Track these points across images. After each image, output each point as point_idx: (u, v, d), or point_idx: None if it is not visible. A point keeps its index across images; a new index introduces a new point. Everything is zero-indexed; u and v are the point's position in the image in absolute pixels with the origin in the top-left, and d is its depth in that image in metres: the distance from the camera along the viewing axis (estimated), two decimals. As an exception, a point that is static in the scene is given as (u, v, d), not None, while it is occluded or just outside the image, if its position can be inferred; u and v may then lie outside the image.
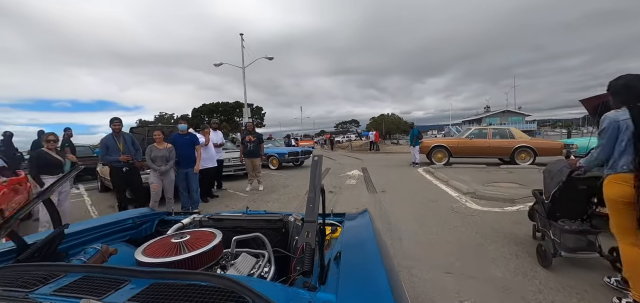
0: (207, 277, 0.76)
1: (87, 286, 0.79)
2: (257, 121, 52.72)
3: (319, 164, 1.01)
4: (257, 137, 7.29)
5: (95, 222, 1.68)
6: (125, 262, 1.17)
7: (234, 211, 1.83)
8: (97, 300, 0.68)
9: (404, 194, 6.18)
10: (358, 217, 1.58)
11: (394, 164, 12.29)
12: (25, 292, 0.76)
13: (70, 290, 0.76)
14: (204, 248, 1.13)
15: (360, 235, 1.29)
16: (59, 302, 0.72)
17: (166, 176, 4.84)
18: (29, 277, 0.84)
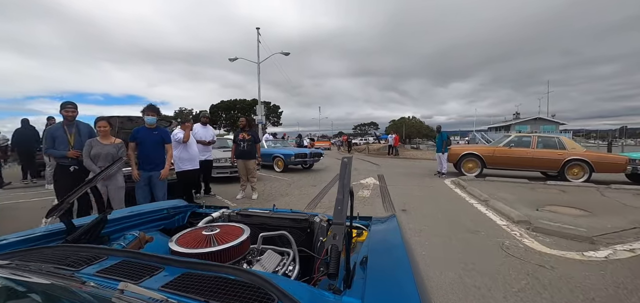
0: (235, 271, 0.80)
1: (126, 270, 0.84)
2: (274, 119, 52.13)
3: (349, 165, 0.97)
4: (252, 135, 6.10)
5: (134, 210, 1.81)
6: (159, 250, 1.28)
7: (261, 208, 1.83)
8: (134, 284, 0.71)
9: (431, 216, 4.77)
10: (385, 221, 1.52)
11: (415, 172, 10.78)
12: (72, 270, 0.82)
13: (111, 273, 0.82)
14: (233, 243, 1.17)
15: (387, 241, 1.28)
16: (100, 282, 0.76)
17: (111, 181, 3.70)
18: (76, 257, 0.91)
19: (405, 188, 7.47)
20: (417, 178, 9.12)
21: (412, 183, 8.23)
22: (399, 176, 9.71)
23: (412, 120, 49.84)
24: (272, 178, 9.06)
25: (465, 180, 8.19)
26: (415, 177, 9.56)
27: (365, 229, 1.44)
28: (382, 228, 1.43)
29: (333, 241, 0.79)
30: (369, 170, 11.50)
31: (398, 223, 1.44)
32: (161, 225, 1.77)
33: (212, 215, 1.72)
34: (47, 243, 1.26)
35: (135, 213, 1.70)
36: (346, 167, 0.96)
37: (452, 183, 8.12)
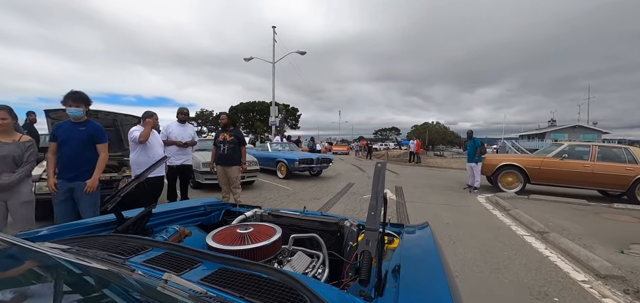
0: (268, 270, 0.83)
1: (169, 261, 0.91)
2: (292, 122, 51.40)
3: (383, 171, 0.96)
4: (235, 136, 4.96)
5: (175, 205, 1.95)
6: (197, 244, 1.30)
7: (292, 210, 1.86)
8: (177, 275, 0.73)
9: (467, 257, 3.35)
10: (418, 229, 1.48)
11: (440, 185, 9.23)
12: (123, 258, 0.89)
13: (156, 263, 0.89)
14: (265, 242, 1.21)
15: (421, 250, 1.23)
16: (146, 271, 0.81)
17: (13, 193, 2.64)
18: (126, 247, 0.99)
19: (429, 207, 6.02)
20: (443, 193, 7.62)
21: (438, 199, 6.76)
22: (422, 189, 8.24)
23: (435, 126, 47.15)
24: (273, 187, 7.89)
25: (505, 199, 6.62)
26: (440, 190, 8.05)
27: (396, 236, 1.38)
28: (415, 236, 1.39)
29: (366, 247, 0.77)
30: (387, 180, 10.03)
31: (431, 232, 1.41)
32: (198, 221, 1.87)
33: (245, 214, 1.78)
34: (100, 232, 1.39)
35: (176, 208, 1.83)
36: (380, 173, 0.95)
37: (487, 201, 6.57)
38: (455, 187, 8.69)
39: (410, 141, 19.47)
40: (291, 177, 9.41)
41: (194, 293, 0.66)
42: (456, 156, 34.47)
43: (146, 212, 1.45)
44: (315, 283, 0.85)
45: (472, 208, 6.08)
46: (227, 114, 5.15)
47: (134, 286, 0.66)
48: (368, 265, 0.75)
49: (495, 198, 6.57)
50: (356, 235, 1.48)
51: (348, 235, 1.55)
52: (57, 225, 1.36)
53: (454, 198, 6.91)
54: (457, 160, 21.25)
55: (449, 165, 17.55)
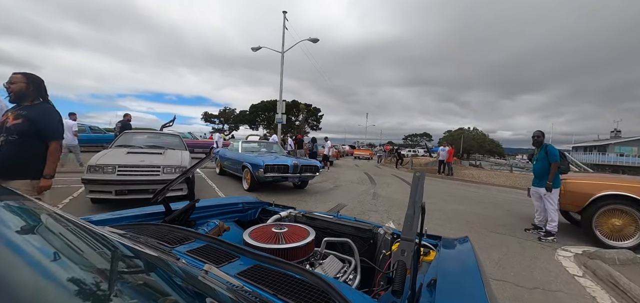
0: (302, 271, 0.85)
1: (209, 253, 0.97)
2: (313, 123, 48.83)
3: (421, 180, 0.95)
4: (30, 118, 2.30)
5: (215, 201, 2.01)
6: (234, 239, 1.31)
7: (326, 213, 1.86)
8: (216, 267, 0.78)
9: None
10: (457, 243, 1.42)
11: (482, 215, 5.97)
12: (170, 247, 0.97)
13: (198, 253, 0.96)
14: (299, 243, 1.23)
15: (460, 265, 1.17)
16: (189, 260, 0.88)
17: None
18: (172, 236, 1.08)
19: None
20: (492, 236, 4.45)
21: (486, 253, 3.63)
22: (455, 222, 5.12)
23: (472, 132, 42.03)
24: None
25: (616, 263, 3.36)
26: (486, 229, 4.86)
27: (433, 249, 1.35)
28: (454, 250, 1.34)
29: (401, 257, 0.75)
30: (403, 201, 6.87)
31: (473, 247, 1.35)
32: (236, 217, 1.95)
33: (280, 214, 1.80)
34: (150, 221, 1.48)
35: (216, 204, 1.91)
36: (418, 182, 0.94)
37: (579, 266, 3.36)
38: (509, 223, 5.41)
39: (441, 148, 15.89)
40: (260, 188, 6.67)
41: (231, 286, 0.69)
42: (496, 167, 29.91)
43: (190, 206, 1.56)
44: (347, 289, 0.87)
45: (553, 284, 2.93)
46: (24, 74, 2.42)
47: (178, 273, 0.69)
48: (402, 276, 0.73)
49: (594, 262, 3.35)
50: (390, 243, 1.48)
51: (381, 242, 1.53)
52: (114, 212, 1.51)
53: (515, 255, 3.73)
54: (499, 174, 17.30)
55: (489, 179, 13.86)
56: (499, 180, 13.85)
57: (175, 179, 1.55)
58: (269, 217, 1.77)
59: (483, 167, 28.33)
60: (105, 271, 0.54)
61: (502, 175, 16.84)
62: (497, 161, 39.13)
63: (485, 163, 34.37)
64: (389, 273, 1.04)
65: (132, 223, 1.35)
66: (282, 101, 18.95)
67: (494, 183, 12.64)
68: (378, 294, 1.07)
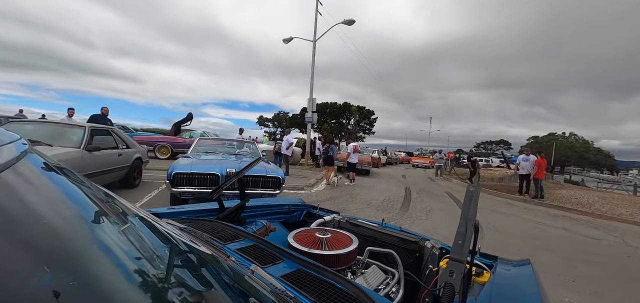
0: (343, 281, 0.84)
1: (255, 253, 1.00)
2: (366, 127, 45.03)
3: (476, 196, 0.89)
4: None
5: (263, 201, 2.13)
6: (279, 240, 1.38)
7: (370, 220, 1.85)
8: (262, 268, 0.78)
9: None
10: (516, 266, 1.34)
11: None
12: (222, 244, 1.01)
13: (245, 252, 0.99)
14: (342, 251, 1.22)
15: (518, 291, 1.10)
16: (238, 258, 0.89)
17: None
18: (224, 233, 1.13)
19: None
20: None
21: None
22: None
23: (569, 140, 32.86)
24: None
25: None
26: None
27: (487, 270, 1.26)
28: (512, 273, 1.25)
29: (449, 278, 0.73)
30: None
31: (534, 270, 1.25)
32: (282, 218, 1.98)
33: (324, 218, 1.84)
34: (206, 217, 1.55)
35: (264, 204, 1.99)
36: (472, 197, 0.89)
37: None
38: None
39: (522, 156, 10.98)
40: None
41: (274, 288, 0.70)
42: (606, 186, 22.18)
43: (241, 205, 1.63)
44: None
45: None
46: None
47: (227, 271, 0.70)
48: (450, 299, 0.71)
49: None
50: (438, 258, 1.42)
51: (428, 257, 1.48)
52: (174, 206, 1.67)
53: None
54: (619, 198, 11.58)
55: (609, 209, 8.77)
56: (624, 209, 8.69)
57: (230, 179, 1.64)
58: (313, 220, 1.82)
59: (587, 185, 21.15)
60: (164, 261, 0.56)
61: (623, 199, 11.15)
62: (605, 177, 29.90)
63: (589, 179, 26.11)
64: (435, 291, 0.97)
65: (190, 218, 1.38)
66: (313, 98, 16.14)
67: (620, 216, 7.72)
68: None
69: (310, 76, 16.32)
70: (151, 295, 0.43)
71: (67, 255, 0.41)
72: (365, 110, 44.09)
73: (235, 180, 1.67)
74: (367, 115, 44.28)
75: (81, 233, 0.49)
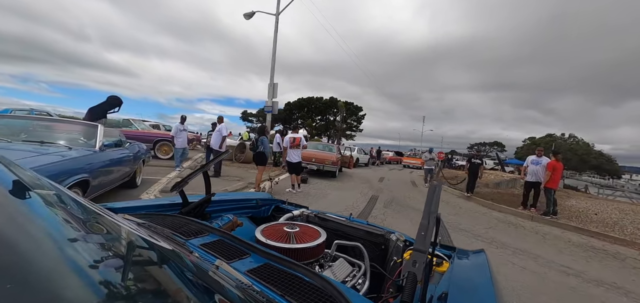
0: (311, 274, 0.84)
1: (221, 248, 0.97)
2: (353, 124, 42.35)
3: (438, 190, 0.92)
4: None
5: (230, 195, 2.05)
6: (247, 235, 1.31)
7: (338, 214, 1.87)
8: (227, 263, 0.77)
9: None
10: (472, 255, 1.42)
11: None
12: (185, 239, 0.98)
13: (210, 248, 0.96)
14: (310, 244, 1.23)
15: (473, 279, 1.17)
16: (202, 254, 0.88)
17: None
18: (187, 228, 1.08)
19: None
20: None
21: None
22: None
23: (569, 142, 30.45)
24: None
25: None
26: None
27: (446, 260, 1.31)
28: (468, 263, 1.32)
29: (412, 268, 0.73)
30: None
31: (487, 260, 1.34)
32: (250, 213, 1.95)
33: (293, 213, 1.83)
34: (167, 211, 1.46)
35: (231, 199, 1.93)
36: (435, 192, 0.92)
37: None
38: None
39: (532, 158, 8.25)
40: None
41: (240, 284, 0.68)
42: (607, 192, 19.89)
43: (206, 199, 1.56)
44: (356, 296, 0.86)
45: None
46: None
47: (190, 267, 0.68)
48: (412, 288, 0.73)
49: None
50: (402, 250, 1.46)
51: (393, 249, 1.52)
52: (134, 200, 1.63)
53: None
54: (636, 208, 9.04)
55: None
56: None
57: (194, 172, 1.55)
58: (282, 215, 1.80)
59: (590, 193, 18.78)
60: (119, 259, 0.53)
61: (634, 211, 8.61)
62: (605, 183, 27.77)
63: (598, 189, 23.73)
64: (399, 281, 1.04)
65: (150, 213, 1.34)
66: (274, 84, 13.30)
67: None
68: (387, 301, 1.07)
69: (272, 55, 13.51)
70: (105, 295, 0.38)
71: (2, 255, 0.36)
72: (353, 106, 41.39)
73: (199, 173, 1.56)
74: (355, 111, 41.57)
75: (22, 233, 0.44)
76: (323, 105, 40.95)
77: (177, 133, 8.73)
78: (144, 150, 6.60)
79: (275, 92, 13.26)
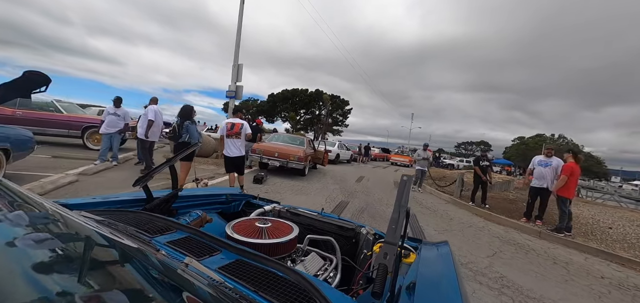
0: (283, 268, 0.82)
1: (190, 245, 0.92)
2: (339, 118, 40.67)
3: (408, 184, 0.90)
4: None
5: (199, 191, 2.02)
6: (216, 231, 1.30)
7: (310, 209, 1.85)
8: (197, 260, 0.72)
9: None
10: (437, 247, 1.46)
11: None
12: (150, 236, 0.91)
13: (178, 245, 0.90)
14: (282, 239, 1.20)
15: (438, 269, 1.20)
16: (170, 251, 0.81)
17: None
18: (153, 225, 1.01)
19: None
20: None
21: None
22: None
23: (558, 142, 29.62)
24: None
25: None
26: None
27: (413, 251, 1.35)
28: (433, 254, 1.36)
29: (383, 260, 0.75)
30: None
31: (451, 251, 1.38)
32: (219, 208, 1.87)
33: (264, 208, 1.78)
34: (130, 207, 1.37)
35: (200, 194, 1.85)
36: (405, 186, 0.90)
37: None
38: None
39: (540, 158, 6.72)
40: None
41: (211, 281, 0.65)
42: (596, 196, 18.99)
43: (173, 194, 1.49)
44: (327, 287, 0.85)
45: None
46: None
47: (156, 265, 0.65)
48: (383, 279, 0.73)
49: None
50: (372, 243, 1.48)
51: (363, 242, 1.54)
52: (92, 197, 1.41)
53: None
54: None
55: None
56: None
57: (159, 166, 1.45)
58: (253, 210, 1.74)
59: (583, 198, 17.74)
60: (76, 261, 0.50)
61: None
62: (593, 186, 27.12)
63: (604, 195, 22.85)
64: (369, 273, 1.05)
65: (111, 209, 1.24)
66: (239, 65, 11.34)
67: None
68: (357, 293, 1.07)
69: (237, 31, 11.52)
70: (60, 301, 0.36)
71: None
72: (339, 99, 39.63)
73: (165, 167, 1.46)
74: (340, 105, 39.84)
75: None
76: (308, 98, 39.03)
77: (106, 116, 6.81)
78: (27, 137, 4.72)
79: (239, 74, 11.37)
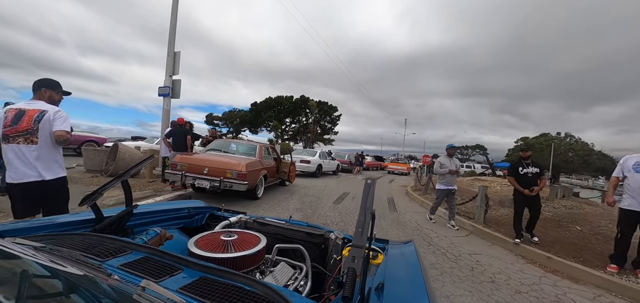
0: (251, 282, 0.78)
1: (148, 266, 0.82)
2: (328, 125, 37.98)
3: (372, 187, 0.90)
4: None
5: (157, 206, 1.77)
6: (178, 248, 1.28)
7: (277, 218, 1.81)
8: (155, 282, 0.69)
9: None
10: (403, 247, 1.49)
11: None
12: (100, 261, 0.81)
13: (134, 267, 0.81)
14: (249, 251, 1.15)
15: (405, 269, 1.22)
16: (124, 276, 0.74)
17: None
18: (103, 247, 0.90)
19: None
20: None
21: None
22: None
23: (566, 142, 27.27)
24: None
25: None
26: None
27: (381, 252, 1.36)
28: (400, 253, 1.38)
29: (351, 263, 0.74)
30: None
31: (416, 249, 1.40)
32: (181, 223, 1.75)
33: (229, 220, 1.70)
34: (76, 229, 1.24)
35: (158, 209, 1.68)
36: (369, 189, 0.90)
37: None
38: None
39: (637, 161, 3.95)
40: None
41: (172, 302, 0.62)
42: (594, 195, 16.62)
43: (127, 211, 1.36)
44: (297, 297, 0.84)
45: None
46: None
47: (107, 292, 0.61)
48: (352, 283, 0.72)
49: None
50: (341, 248, 1.46)
51: (332, 247, 1.52)
52: (31, 220, 1.27)
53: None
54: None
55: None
56: None
57: (110, 182, 1.33)
58: (218, 223, 1.68)
59: (587, 200, 15.20)
60: (9, 296, 0.46)
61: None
62: (586, 185, 24.96)
63: (583, 188, 20.66)
64: (339, 278, 1.04)
65: (52, 233, 1.12)
66: (176, 52, 8.52)
67: None
68: (328, 299, 1.05)
69: (172, 7, 8.72)
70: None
71: None
72: (327, 105, 37.00)
73: (117, 182, 1.35)
74: (329, 112, 37.17)
75: None
76: (293, 105, 36.36)
77: None
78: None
79: (176, 65, 8.55)
